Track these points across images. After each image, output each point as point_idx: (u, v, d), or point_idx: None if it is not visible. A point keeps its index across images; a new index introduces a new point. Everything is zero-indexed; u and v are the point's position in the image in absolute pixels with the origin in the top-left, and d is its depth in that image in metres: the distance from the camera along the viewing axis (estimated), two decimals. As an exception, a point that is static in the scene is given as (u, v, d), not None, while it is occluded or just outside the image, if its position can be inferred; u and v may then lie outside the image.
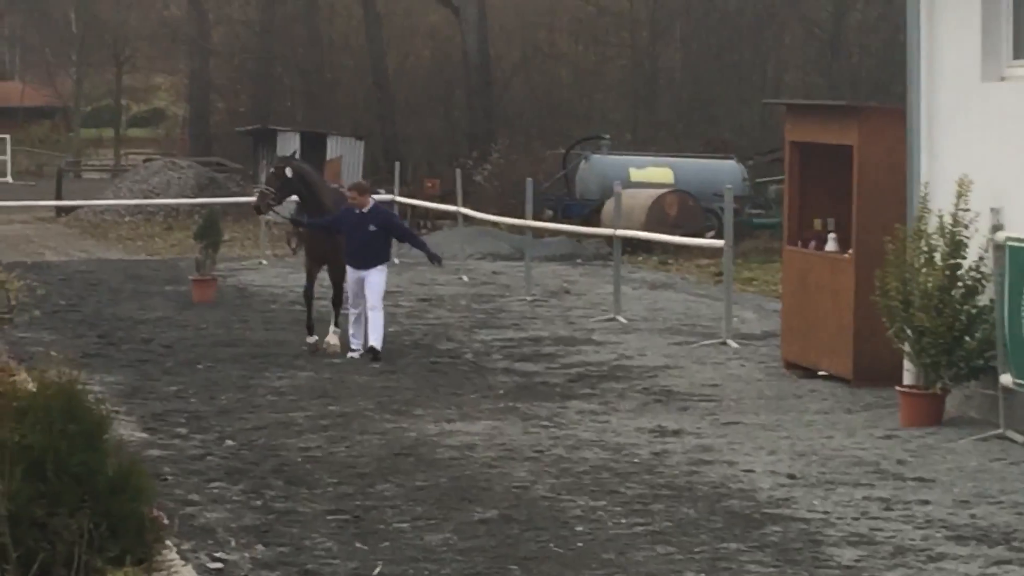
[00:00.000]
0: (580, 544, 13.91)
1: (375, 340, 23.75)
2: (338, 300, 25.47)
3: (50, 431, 10.66)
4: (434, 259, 25.38)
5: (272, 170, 26.42)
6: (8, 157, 74.89)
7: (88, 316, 29.39)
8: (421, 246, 25.62)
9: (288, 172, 25.75)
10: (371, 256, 23.86)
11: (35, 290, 24.98)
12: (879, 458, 17.42)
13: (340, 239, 24.77)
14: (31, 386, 12.68)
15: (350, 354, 24.08)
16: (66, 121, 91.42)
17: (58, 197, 56.72)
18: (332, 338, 25.01)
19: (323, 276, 25.73)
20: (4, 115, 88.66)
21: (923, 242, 19.50)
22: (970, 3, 20.18)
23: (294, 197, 26.87)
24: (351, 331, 23.96)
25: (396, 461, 17.28)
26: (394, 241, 26.24)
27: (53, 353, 21.58)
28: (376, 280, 23.91)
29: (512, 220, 38.96)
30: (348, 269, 24.16)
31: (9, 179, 70.90)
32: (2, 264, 24.67)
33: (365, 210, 24.02)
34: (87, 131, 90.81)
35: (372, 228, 23.80)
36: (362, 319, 24.13)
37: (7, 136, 78.83)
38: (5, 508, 8.85)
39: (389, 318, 26.37)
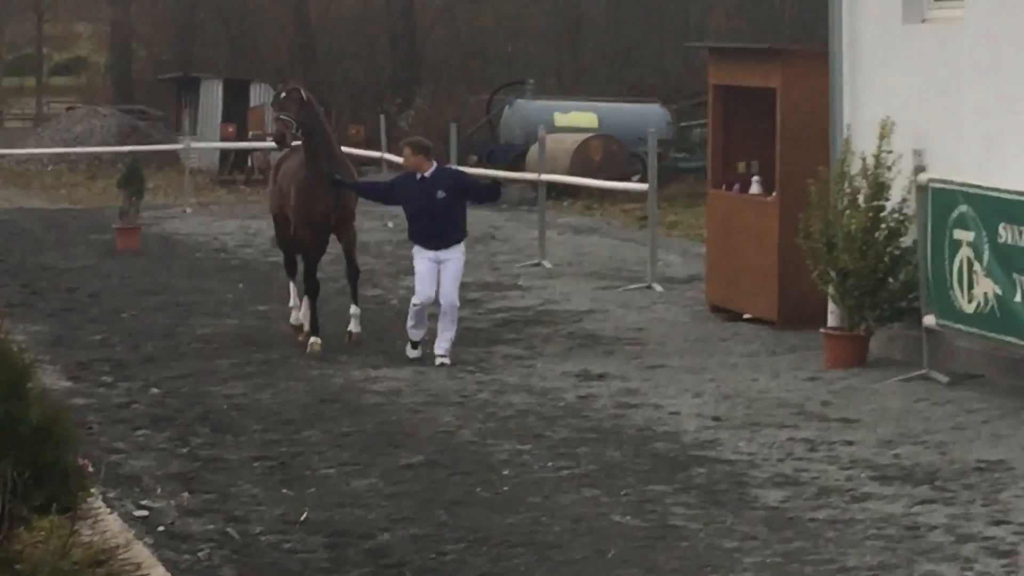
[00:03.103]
0: (506, 488, 14.00)
1: (443, 348, 19.81)
2: (354, 275, 21.70)
3: (-27, 380, 10.65)
4: (492, 195, 22.69)
5: (284, 94, 21.84)
6: (-72, 107, 74.91)
7: (11, 265, 29.31)
8: (493, 196, 22.40)
9: (304, 95, 21.58)
10: (447, 230, 19.73)
11: (-44, 239, 24.91)
12: (803, 399, 17.56)
13: (350, 194, 21.51)
14: (-47, 335, 12.65)
15: (409, 352, 19.96)
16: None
17: (-19, 146, 56.59)
18: (353, 325, 21.34)
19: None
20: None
21: (846, 184, 19.62)
22: (892, -55, 20.31)
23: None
24: (412, 320, 20.05)
25: (322, 407, 17.34)
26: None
27: (-23, 303, 21.56)
28: (456, 266, 20.01)
29: (437, 166, 39.07)
30: (417, 250, 19.97)
31: (-71, 128, 70.81)
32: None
33: (427, 174, 19.86)
34: (8, 80, 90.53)
35: (441, 194, 19.58)
36: (426, 312, 20.10)
37: (-74, 84, 78.75)
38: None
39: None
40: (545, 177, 30.45)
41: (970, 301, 17.97)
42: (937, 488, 13.83)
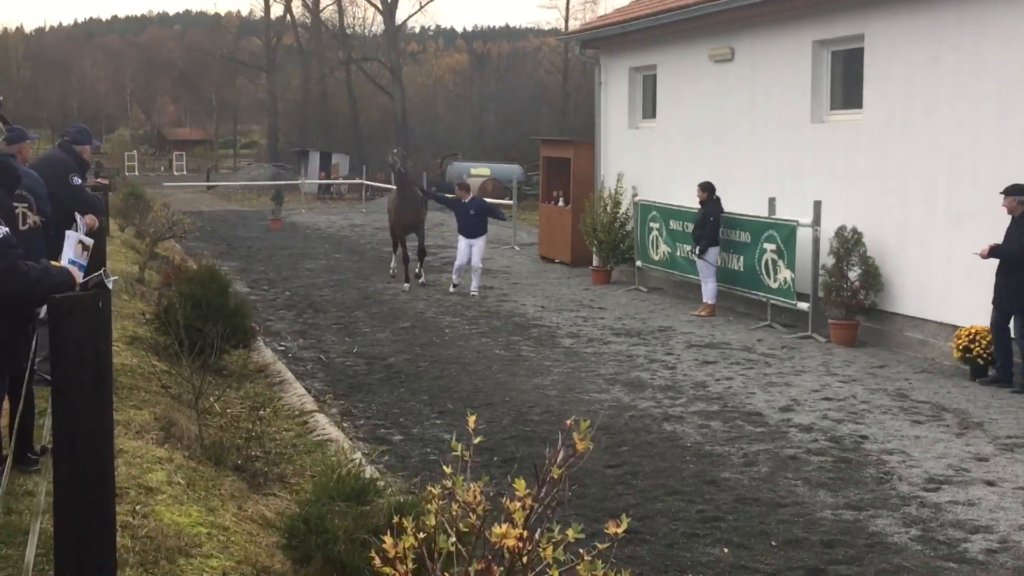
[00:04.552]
0: (447, 338, 13.97)
1: (476, 287, 17.90)
2: (421, 252, 19.43)
3: (203, 286, 10.55)
4: (500, 216, 19.66)
5: (399, 151, 19.58)
6: (184, 163, 73.60)
7: (221, 236, 28.90)
8: (501, 217, 19.26)
9: (404, 154, 19.42)
10: (476, 230, 18.00)
11: (196, 223, 24.51)
12: (582, 298, 17.59)
13: (423, 214, 19.31)
14: (194, 267, 12.49)
15: (451, 289, 18.08)
16: (211, 146, 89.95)
17: (208, 181, 55.69)
18: (422, 277, 19.16)
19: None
20: (182, 143, 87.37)
21: (601, 201, 19.65)
22: (621, 92, 20.27)
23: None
24: (454, 276, 18.32)
25: (364, 301, 17.23)
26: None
27: (206, 252, 21.28)
28: (480, 247, 18.05)
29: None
30: (460, 238, 18.13)
31: (185, 173, 69.76)
32: (181, 211, 24.14)
33: (467, 200, 18.18)
34: (221, 150, 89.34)
35: (472, 212, 18.01)
36: (462, 268, 18.06)
37: (184, 152, 77.66)
38: (183, 321, 8.73)
39: (364, 236, 26.03)
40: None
41: (656, 255, 18.08)
42: (641, 338, 13.96)
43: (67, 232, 5.56)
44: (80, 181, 9.43)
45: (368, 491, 5.36)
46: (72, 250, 5.41)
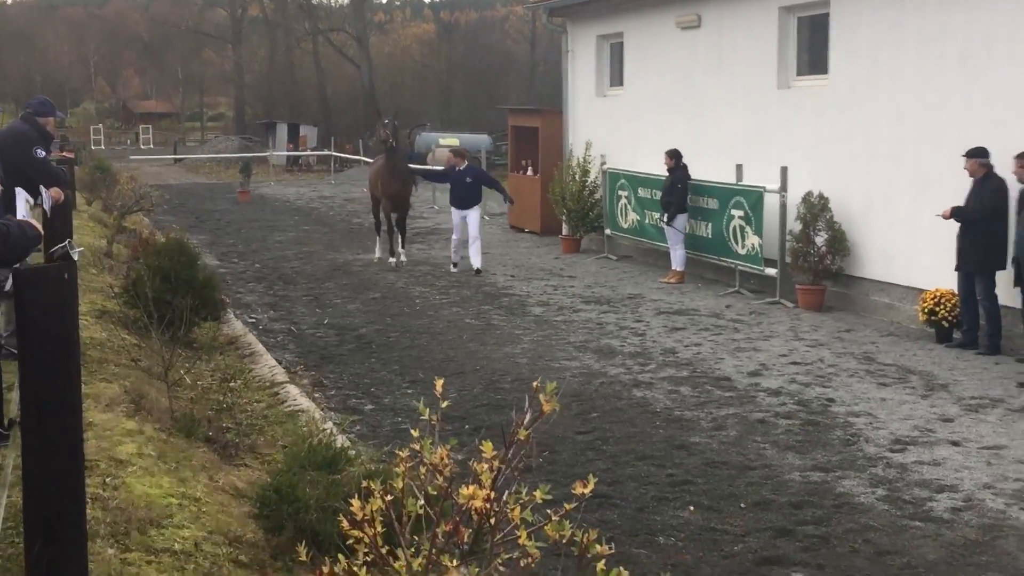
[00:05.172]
0: (417, 308, 13.96)
1: (478, 263, 16.94)
2: (403, 230, 17.87)
3: (172, 259, 10.48)
4: (507, 199, 17.96)
5: (387, 121, 18.25)
6: (151, 136, 72.78)
7: (190, 208, 28.67)
8: (502, 191, 17.78)
9: (394, 124, 18.31)
10: (470, 200, 17.05)
11: (164, 196, 24.31)
12: (552, 267, 17.62)
13: (409, 187, 17.89)
14: (163, 240, 12.40)
15: (452, 269, 17.02)
16: (178, 119, 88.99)
17: (175, 154, 55.17)
18: (402, 256, 17.81)
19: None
20: (148, 116, 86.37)
21: (570, 170, 19.66)
22: (589, 60, 20.23)
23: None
24: (453, 255, 17.22)
25: (333, 272, 17.18)
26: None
27: (174, 225, 21.10)
28: (475, 218, 17.04)
29: (386, 163, 38.54)
30: (453, 210, 17.23)
31: (152, 146, 68.99)
32: (149, 184, 23.90)
33: (461, 168, 17.16)
34: (188, 123, 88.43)
35: (468, 180, 17.03)
36: (460, 244, 17.08)
37: (150, 126, 76.86)
38: (151, 294, 8.67)
39: (333, 208, 25.91)
40: (434, 168, 30.18)
41: (625, 222, 18.13)
42: (611, 306, 14.01)
43: (16, 189, 5.65)
44: (44, 153, 9.33)
45: (339, 460, 5.37)
46: (23, 206, 5.55)
